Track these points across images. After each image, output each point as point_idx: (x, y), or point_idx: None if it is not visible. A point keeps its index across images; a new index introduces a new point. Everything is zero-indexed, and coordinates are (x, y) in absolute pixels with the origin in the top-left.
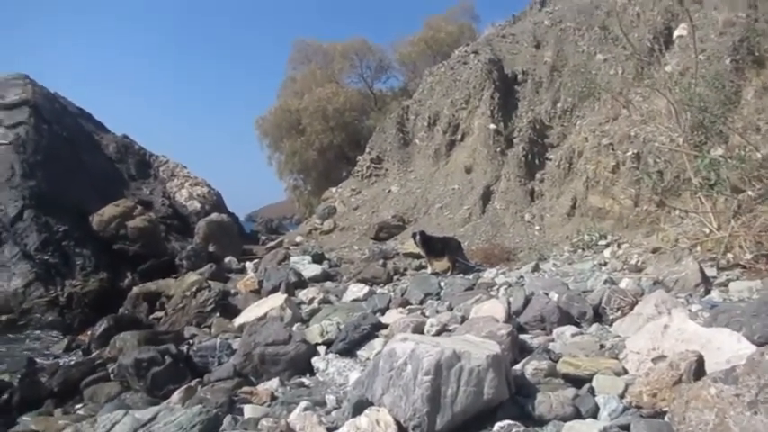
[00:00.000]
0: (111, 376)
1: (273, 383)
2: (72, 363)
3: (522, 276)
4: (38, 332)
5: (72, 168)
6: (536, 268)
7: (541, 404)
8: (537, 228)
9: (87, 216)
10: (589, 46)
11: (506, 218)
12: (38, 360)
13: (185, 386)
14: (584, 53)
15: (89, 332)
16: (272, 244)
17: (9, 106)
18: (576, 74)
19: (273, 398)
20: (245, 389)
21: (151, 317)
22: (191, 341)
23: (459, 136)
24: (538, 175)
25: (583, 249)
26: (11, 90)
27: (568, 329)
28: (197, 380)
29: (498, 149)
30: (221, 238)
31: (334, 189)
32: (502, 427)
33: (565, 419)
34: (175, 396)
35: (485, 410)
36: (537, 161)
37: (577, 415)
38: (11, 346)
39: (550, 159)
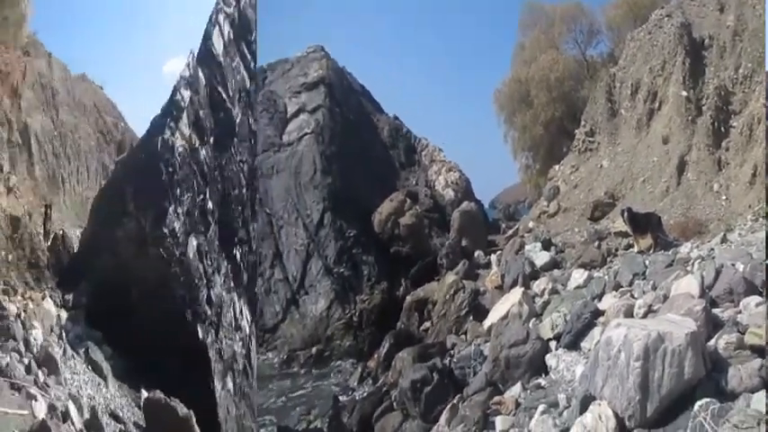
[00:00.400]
0: (394, 404)
1: (517, 389)
2: (365, 395)
3: (712, 249)
4: (339, 362)
5: (357, 158)
6: (724, 239)
7: (733, 378)
8: (724, 198)
9: (368, 214)
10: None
11: (698, 189)
12: (340, 398)
13: (450, 405)
14: (760, 17)
15: (375, 356)
16: (509, 233)
17: (310, 86)
18: (754, 38)
19: (517, 405)
20: (495, 399)
21: (421, 328)
22: (452, 352)
23: (657, 104)
24: (723, 144)
25: (764, 217)
26: (311, 66)
27: (753, 300)
28: (458, 396)
29: (689, 118)
30: (471, 230)
31: (557, 167)
32: (701, 406)
33: (753, 391)
34: (443, 418)
35: (686, 390)
36: (722, 129)
37: (764, 385)
38: (318, 384)
39: (734, 127)
